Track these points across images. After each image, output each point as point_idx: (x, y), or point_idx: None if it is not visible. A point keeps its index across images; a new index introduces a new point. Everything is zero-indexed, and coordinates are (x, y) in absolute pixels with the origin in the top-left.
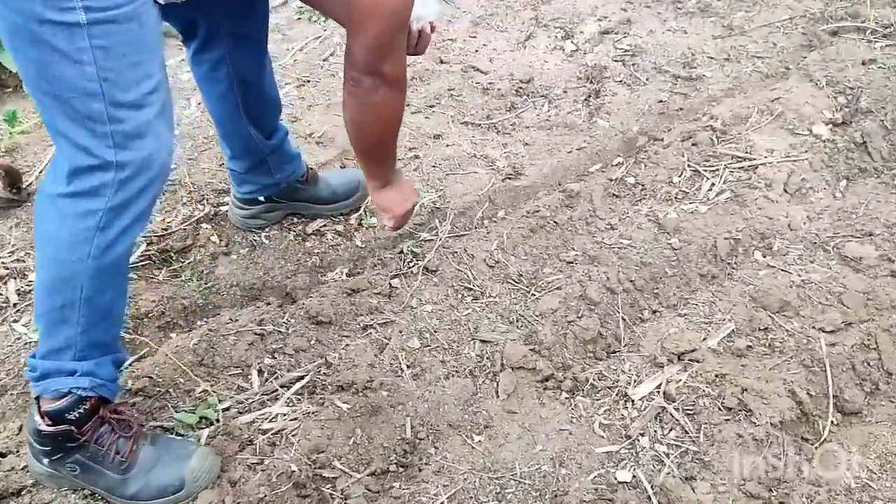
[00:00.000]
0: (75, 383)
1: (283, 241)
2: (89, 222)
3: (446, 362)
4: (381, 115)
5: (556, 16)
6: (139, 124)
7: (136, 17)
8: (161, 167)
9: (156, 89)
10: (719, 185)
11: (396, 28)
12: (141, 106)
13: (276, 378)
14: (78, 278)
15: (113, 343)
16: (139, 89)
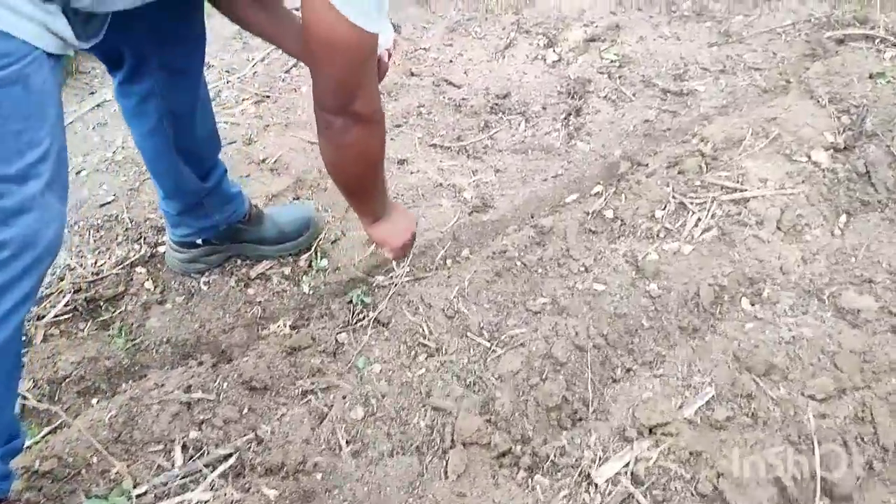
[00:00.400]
0: None
1: (224, 287)
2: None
3: (392, 435)
4: (359, 155)
5: (540, 20)
6: (23, 199)
7: (19, 80)
8: (48, 245)
9: (43, 158)
10: (706, 220)
11: (361, 62)
12: (25, 178)
13: (202, 455)
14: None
15: (3, 432)
16: (23, 160)
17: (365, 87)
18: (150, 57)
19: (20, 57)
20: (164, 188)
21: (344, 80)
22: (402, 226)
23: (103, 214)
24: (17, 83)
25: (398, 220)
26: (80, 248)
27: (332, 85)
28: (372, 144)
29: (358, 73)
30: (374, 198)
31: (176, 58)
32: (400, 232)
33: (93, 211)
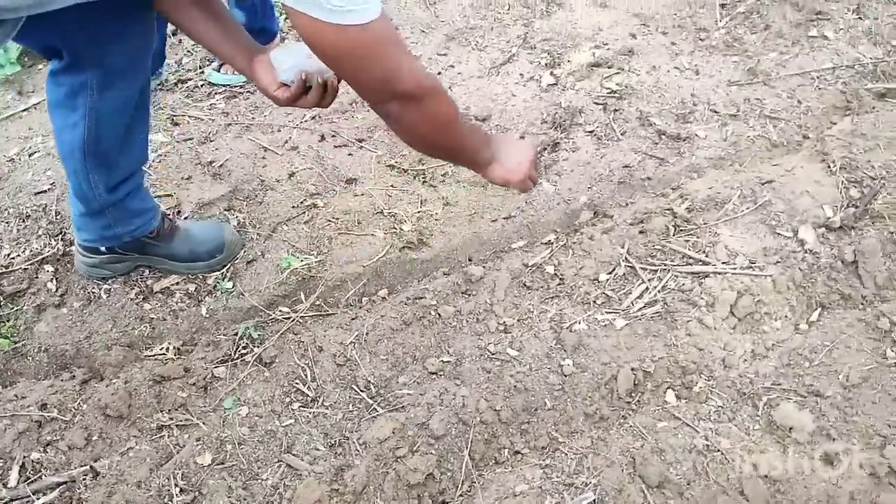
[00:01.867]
0: None
1: (123, 298)
2: None
3: (233, 490)
4: (429, 128)
5: (549, 36)
6: None
7: None
8: None
9: None
10: (653, 293)
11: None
12: None
13: (38, 479)
14: None
15: None
16: None
17: (392, 70)
18: (86, 54)
19: None
20: (72, 186)
21: (366, 77)
22: (515, 161)
23: (34, 203)
24: None
25: (510, 156)
26: (0, 236)
27: (360, 85)
28: (436, 113)
29: (375, 64)
30: (469, 151)
31: (113, 57)
32: (515, 168)
33: (26, 198)
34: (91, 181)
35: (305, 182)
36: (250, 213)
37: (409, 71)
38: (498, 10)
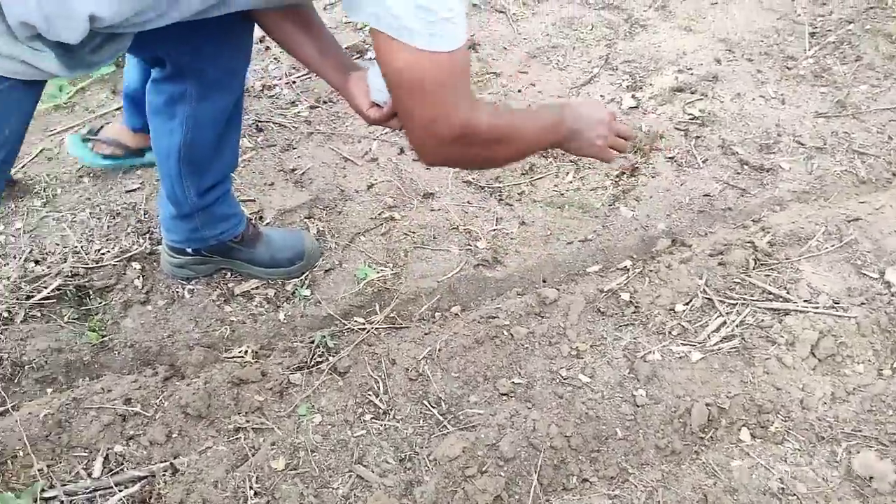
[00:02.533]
0: None
1: (205, 299)
2: None
3: (304, 496)
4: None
5: (632, 58)
6: None
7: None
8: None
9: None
10: (731, 327)
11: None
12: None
13: (120, 471)
14: None
15: None
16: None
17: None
18: (187, 66)
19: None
20: (165, 189)
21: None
22: (587, 136)
23: (125, 201)
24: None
25: (582, 132)
26: (92, 232)
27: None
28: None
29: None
30: (536, 145)
31: (213, 70)
32: (590, 142)
33: (117, 196)
34: (184, 185)
35: (384, 194)
36: (329, 223)
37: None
38: (580, 29)
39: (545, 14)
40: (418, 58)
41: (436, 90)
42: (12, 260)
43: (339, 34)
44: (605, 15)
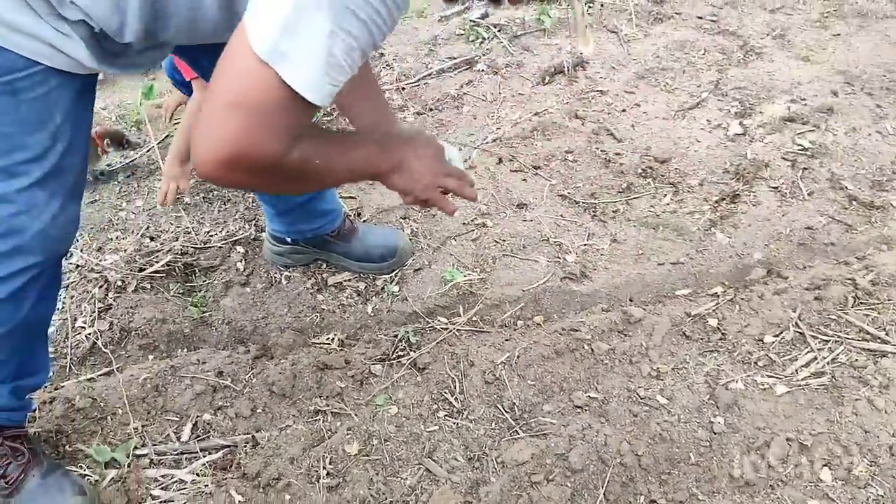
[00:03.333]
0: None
1: (300, 286)
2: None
3: (373, 482)
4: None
5: (743, 84)
6: (7, 191)
7: (7, 93)
8: (35, 235)
9: (34, 159)
10: (821, 363)
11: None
12: (12, 174)
13: (206, 438)
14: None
15: (11, 374)
16: (10, 158)
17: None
18: None
19: (13, 70)
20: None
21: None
22: (417, 172)
23: (235, 190)
24: (5, 95)
25: (412, 166)
26: (203, 215)
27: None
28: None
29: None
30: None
31: None
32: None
33: None
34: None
35: (478, 201)
36: (423, 225)
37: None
38: (692, 53)
39: (657, 36)
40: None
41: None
42: (130, 235)
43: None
44: (719, 40)
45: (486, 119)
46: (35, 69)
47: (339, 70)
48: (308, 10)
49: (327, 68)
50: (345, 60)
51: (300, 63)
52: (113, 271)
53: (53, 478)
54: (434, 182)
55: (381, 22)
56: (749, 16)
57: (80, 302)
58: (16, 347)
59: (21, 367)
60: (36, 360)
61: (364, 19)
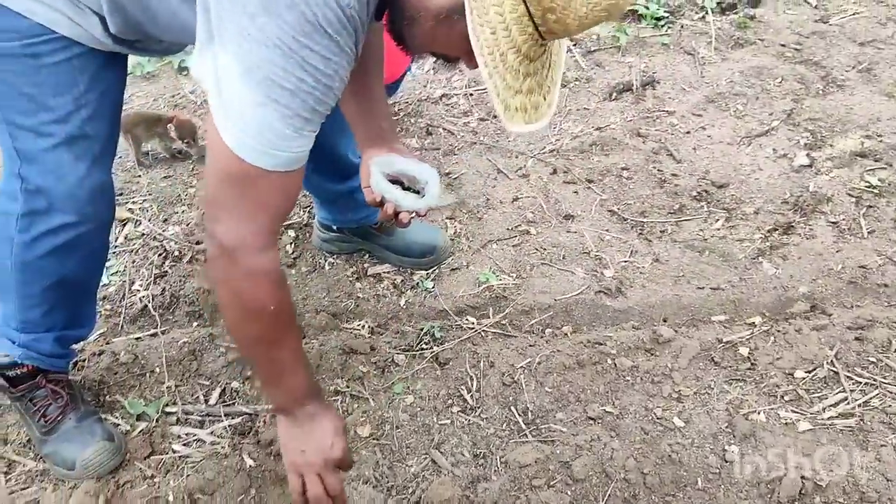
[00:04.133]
0: (10, 350)
1: (340, 273)
2: (10, 221)
3: (379, 465)
4: (231, 300)
5: (818, 116)
6: (35, 149)
7: (30, 55)
8: (62, 194)
9: (58, 121)
10: (851, 405)
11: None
12: (39, 133)
13: (231, 404)
14: (6, 266)
15: (58, 324)
16: (36, 118)
17: (233, 217)
18: None
19: (31, 35)
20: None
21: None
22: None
23: None
24: (27, 57)
25: (305, 435)
26: None
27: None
28: (239, 293)
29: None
30: (265, 374)
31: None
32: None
33: None
34: (313, 182)
35: (526, 209)
36: (467, 227)
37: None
38: (769, 80)
39: (735, 61)
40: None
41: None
42: (195, 210)
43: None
44: (799, 69)
45: (547, 129)
46: (53, 36)
47: (280, 135)
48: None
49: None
50: (286, 128)
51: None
52: (173, 242)
53: (87, 423)
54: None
55: (309, 88)
56: (836, 47)
57: (139, 267)
58: (61, 300)
59: (66, 319)
60: (81, 315)
61: (290, 88)
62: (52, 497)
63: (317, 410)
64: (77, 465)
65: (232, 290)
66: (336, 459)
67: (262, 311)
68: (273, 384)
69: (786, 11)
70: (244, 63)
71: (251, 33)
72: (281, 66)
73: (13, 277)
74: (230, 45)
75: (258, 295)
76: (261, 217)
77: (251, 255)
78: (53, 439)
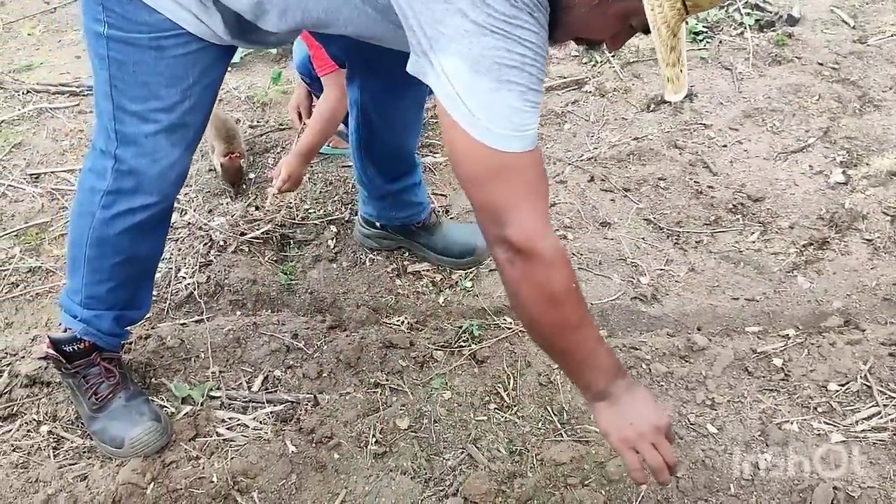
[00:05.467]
0: (73, 325)
1: (381, 269)
2: (94, 198)
3: (417, 457)
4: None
5: (855, 135)
6: (137, 133)
7: (154, 48)
8: (153, 176)
9: (165, 109)
10: (885, 419)
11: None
12: (145, 119)
13: (274, 392)
14: (82, 240)
15: (119, 302)
16: (146, 105)
17: (512, 210)
18: (359, 75)
19: (160, 30)
20: (356, 173)
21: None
22: (633, 416)
23: (339, 174)
24: (151, 49)
25: (630, 408)
26: (306, 193)
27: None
28: (543, 283)
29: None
30: (580, 363)
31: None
32: (625, 425)
33: (334, 168)
34: (370, 174)
35: (563, 214)
36: None
37: (528, 219)
38: (806, 97)
39: (772, 77)
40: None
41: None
42: (239, 202)
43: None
44: (836, 88)
45: (585, 138)
46: (179, 31)
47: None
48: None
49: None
50: (524, 105)
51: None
52: (218, 232)
53: (136, 402)
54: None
55: (531, 61)
56: (874, 67)
57: (185, 255)
58: (127, 278)
59: (127, 298)
60: (140, 296)
61: (517, 66)
62: (99, 473)
63: (628, 383)
64: (125, 443)
65: (537, 283)
66: (665, 425)
67: (569, 292)
68: (589, 366)
69: (824, 31)
70: (469, 57)
71: (468, 29)
72: (503, 47)
73: (87, 251)
74: (452, 46)
75: (562, 276)
76: (536, 200)
77: (545, 240)
78: (103, 417)
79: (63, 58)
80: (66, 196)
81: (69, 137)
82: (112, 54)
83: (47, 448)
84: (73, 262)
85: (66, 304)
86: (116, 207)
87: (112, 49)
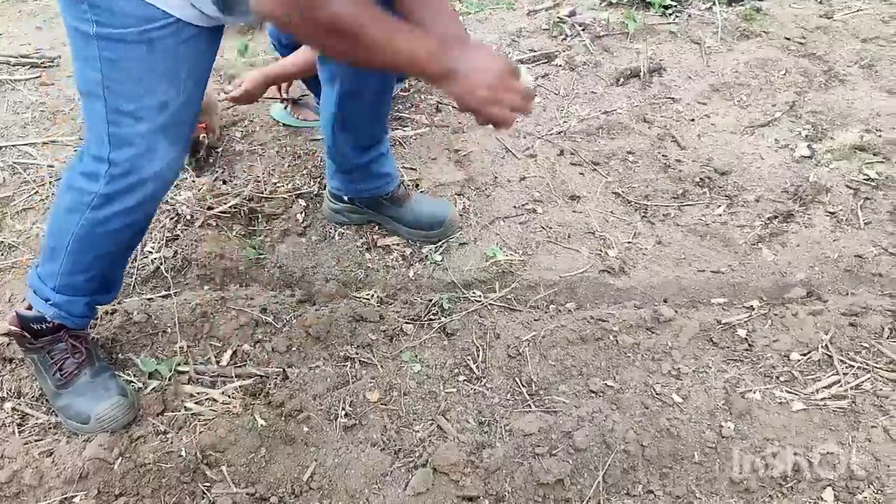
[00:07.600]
0: (43, 308)
1: (350, 243)
2: (83, 198)
3: (386, 429)
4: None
5: (820, 109)
6: (132, 133)
7: (145, 42)
8: (151, 175)
9: (161, 107)
10: (844, 387)
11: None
12: (139, 118)
13: (242, 366)
14: (67, 234)
15: (92, 290)
16: (140, 103)
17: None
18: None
19: (147, 20)
20: (326, 146)
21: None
22: (477, 78)
23: (307, 148)
24: (142, 44)
25: (472, 73)
26: (274, 167)
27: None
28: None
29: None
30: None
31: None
32: (472, 90)
33: (302, 142)
34: (341, 146)
35: (533, 188)
36: (476, 203)
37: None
38: (773, 72)
39: (740, 52)
40: None
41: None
42: (207, 175)
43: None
44: (803, 63)
45: (555, 112)
46: (168, 20)
47: None
48: None
49: None
50: None
51: None
52: (185, 206)
53: (102, 378)
54: (492, 97)
55: None
56: (839, 42)
57: (152, 229)
58: (105, 268)
59: (102, 285)
60: (113, 281)
61: None
62: (66, 449)
63: (461, 48)
64: (91, 419)
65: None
66: (507, 68)
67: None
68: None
69: (791, 6)
70: None
71: None
72: None
73: (71, 245)
74: None
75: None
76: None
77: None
78: (68, 393)
79: (24, 28)
80: (27, 170)
81: (31, 110)
82: (103, 54)
83: (12, 425)
84: (52, 251)
85: (36, 286)
86: (110, 209)
87: (103, 49)
